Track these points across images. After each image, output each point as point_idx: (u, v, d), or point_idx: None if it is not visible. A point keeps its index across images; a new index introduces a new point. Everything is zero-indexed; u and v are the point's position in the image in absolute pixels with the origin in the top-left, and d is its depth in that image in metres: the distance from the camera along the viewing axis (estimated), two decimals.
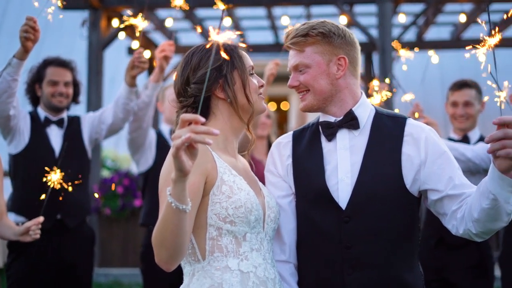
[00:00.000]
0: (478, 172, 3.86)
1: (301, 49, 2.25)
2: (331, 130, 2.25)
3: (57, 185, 3.06)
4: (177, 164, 1.69)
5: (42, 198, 3.13)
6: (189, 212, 1.87)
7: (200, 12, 9.07)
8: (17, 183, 4.03)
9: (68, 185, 2.97)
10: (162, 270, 1.98)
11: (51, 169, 3.04)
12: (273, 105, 12.35)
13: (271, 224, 2.18)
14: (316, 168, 2.23)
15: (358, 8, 8.98)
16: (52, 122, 4.10)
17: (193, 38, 9.71)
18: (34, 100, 4.15)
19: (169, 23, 7.70)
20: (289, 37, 2.27)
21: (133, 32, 3.46)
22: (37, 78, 4.09)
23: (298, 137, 2.35)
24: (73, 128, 4.16)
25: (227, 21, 8.11)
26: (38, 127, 4.04)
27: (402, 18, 8.28)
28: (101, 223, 7.93)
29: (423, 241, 4.08)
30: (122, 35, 7.54)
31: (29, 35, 3.32)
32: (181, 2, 2.96)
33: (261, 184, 2.29)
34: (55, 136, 4.08)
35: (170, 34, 8.90)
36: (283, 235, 2.26)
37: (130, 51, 9.53)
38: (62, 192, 3.06)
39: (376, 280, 2.14)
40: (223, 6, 2.02)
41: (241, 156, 2.32)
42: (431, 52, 3.81)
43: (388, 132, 2.22)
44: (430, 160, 2.16)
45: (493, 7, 8.67)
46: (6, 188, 3.93)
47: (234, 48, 2.21)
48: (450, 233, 2.20)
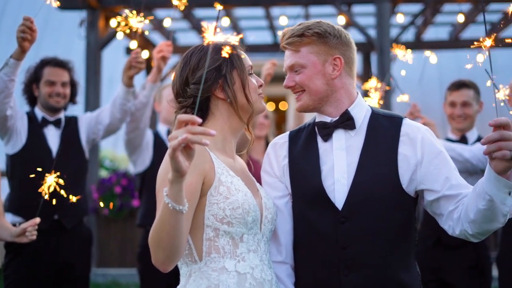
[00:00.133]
0: (476, 173, 3.85)
1: (297, 49, 2.25)
2: (327, 131, 2.25)
3: (51, 190, 3.02)
4: (174, 165, 1.69)
5: (40, 199, 3.12)
6: (186, 213, 1.86)
7: (199, 12, 9.07)
8: (14, 184, 4.01)
9: (63, 188, 2.95)
10: (159, 271, 1.97)
11: (47, 172, 3.02)
12: (272, 105, 12.35)
13: (268, 225, 2.17)
14: (312, 169, 2.23)
15: (356, 8, 8.98)
16: (50, 123, 4.09)
17: (192, 38, 9.71)
18: (32, 100, 4.15)
19: (167, 23, 7.69)
20: (285, 37, 2.27)
21: (131, 32, 3.45)
22: (35, 78, 4.08)
23: (294, 138, 2.35)
24: (71, 129, 4.15)
25: (226, 21, 8.10)
26: (35, 128, 4.04)
27: (400, 18, 8.27)
28: (99, 224, 7.93)
29: (421, 242, 4.07)
30: (120, 35, 7.52)
31: (26, 35, 3.31)
32: (179, 2, 2.94)
33: (258, 185, 2.29)
34: (52, 137, 4.08)
35: (168, 34, 8.90)
36: (280, 236, 2.26)
37: (128, 51, 9.52)
38: (57, 197, 3.04)
39: (373, 281, 2.13)
40: (221, 7, 2.02)
41: (239, 157, 2.31)
42: (429, 53, 3.81)
43: (384, 132, 2.22)
44: (427, 160, 2.16)
45: (492, 7, 8.67)
46: (3, 189, 3.92)
47: (233, 48, 2.20)
48: (447, 234, 2.19)
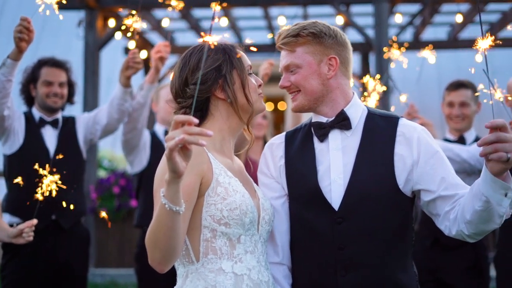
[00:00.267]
0: (474, 173, 3.84)
1: (292, 49, 2.25)
2: (323, 131, 2.24)
3: (49, 191, 3.01)
4: (171, 166, 1.69)
5: (38, 200, 3.10)
6: (184, 214, 1.86)
7: (197, 12, 9.06)
8: (12, 184, 4.01)
9: (61, 188, 2.94)
10: (157, 271, 1.97)
11: (44, 172, 3.01)
12: (270, 105, 12.35)
13: (266, 226, 2.17)
14: (309, 169, 2.22)
15: (355, 8, 8.97)
16: (47, 123, 4.09)
17: (190, 38, 9.70)
18: (29, 101, 4.14)
19: (166, 23, 7.68)
20: (281, 38, 2.27)
21: (129, 32, 3.44)
22: (32, 79, 4.08)
23: (291, 138, 2.34)
24: (68, 129, 4.15)
25: (224, 21, 8.09)
26: (33, 128, 4.03)
27: (399, 19, 8.27)
28: (98, 224, 7.92)
29: (419, 242, 4.07)
30: (119, 35, 7.52)
31: (23, 36, 3.30)
32: (176, 3, 2.94)
33: (256, 186, 2.28)
34: (50, 137, 4.07)
35: (166, 34, 8.89)
36: (276, 237, 2.25)
37: (127, 51, 9.50)
38: (55, 197, 3.03)
39: (370, 281, 2.13)
40: (218, 7, 2.01)
41: (237, 157, 2.31)
42: (427, 53, 3.80)
43: (381, 132, 2.21)
44: (423, 160, 2.16)
45: (490, 7, 8.67)
46: (1, 189, 3.92)
47: (232, 48, 2.20)
48: (445, 234, 2.19)
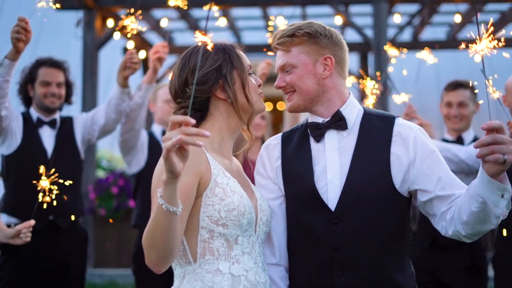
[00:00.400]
0: (472, 173, 3.83)
1: (288, 49, 2.25)
2: (319, 131, 2.24)
3: (47, 196, 3.00)
4: (168, 166, 1.68)
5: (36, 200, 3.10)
6: (181, 214, 1.86)
7: (196, 13, 9.05)
8: (9, 184, 4.01)
9: (58, 189, 2.94)
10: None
11: (42, 174, 3.00)
12: (269, 106, 12.35)
13: (263, 227, 2.17)
14: (305, 170, 2.22)
15: (354, 8, 8.98)
16: (45, 123, 4.08)
17: (189, 39, 9.69)
18: (27, 101, 4.14)
19: (164, 23, 7.68)
20: (276, 38, 2.27)
21: (128, 32, 3.44)
22: (30, 79, 4.08)
23: (287, 139, 2.34)
24: (66, 129, 4.14)
25: (223, 21, 8.08)
26: (31, 128, 4.03)
27: (398, 19, 8.27)
28: (96, 224, 7.92)
29: (417, 242, 4.07)
30: (117, 35, 7.51)
31: (21, 36, 3.30)
32: (176, 3, 2.93)
33: (254, 186, 2.28)
34: (48, 137, 4.07)
35: (165, 34, 8.88)
36: (274, 238, 2.25)
37: (125, 51, 9.49)
38: (53, 199, 3.02)
39: (367, 281, 2.12)
40: (216, 7, 2.01)
41: (235, 158, 2.30)
42: (425, 54, 3.79)
43: (377, 132, 2.21)
44: (419, 160, 2.15)
45: (489, 7, 8.67)
46: None
47: (232, 48, 2.20)
48: None
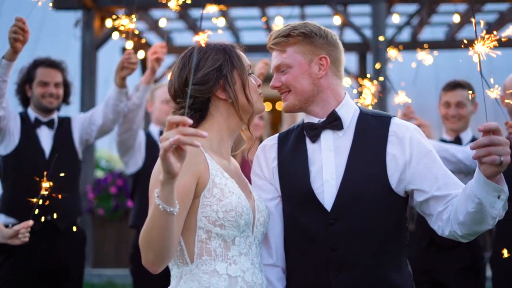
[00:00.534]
0: (470, 174, 3.82)
1: (283, 49, 2.25)
2: (315, 131, 2.24)
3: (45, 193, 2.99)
4: (165, 166, 1.68)
5: (34, 201, 3.09)
6: (179, 214, 1.85)
7: (195, 13, 9.05)
8: (7, 185, 4.00)
9: (56, 189, 2.93)
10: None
11: (40, 173, 2.98)
12: (268, 106, 12.34)
13: (260, 228, 2.16)
14: (301, 170, 2.22)
15: (352, 9, 8.98)
16: (43, 123, 4.08)
17: (187, 39, 9.69)
18: (24, 101, 4.13)
19: (163, 23, 7.68)
20: (271, 38, 2.27)
21: (127, 32, 3.44)
22: (27, 79, 4.07)
23: (284, 139, 2.34)
24: (64, 129, 4.14)
25: (221, 21, 8.09)
26: (28, 128, 4.02)
27: (396, 19, 8.28)
28: (95, 224, 7.91)
29: (415, 242, 4.07)
30: (116, 35, 7.51)
31: (18, 36, 3.30)
32: (174, 3, 2.92)
33: (251, 187, 2.28)
34: (45, 137, 4.06)
35: (164, 34, 8.88)
36: (270, 239, 2.24)
37: (124, 51, 9.49)
38: (50, 198, 3.02)
39: (363, 281, 2.12)
40: (214, 7, 2.01)
41: (233, 158, 2.30)
42: (424, 54, 3.79)
43: (373, 132, 2.21)
44: (415, 160, 2.15)
45: (488, 7, 8.67)
46: None
47: (232, 48, 2.20)
48: None
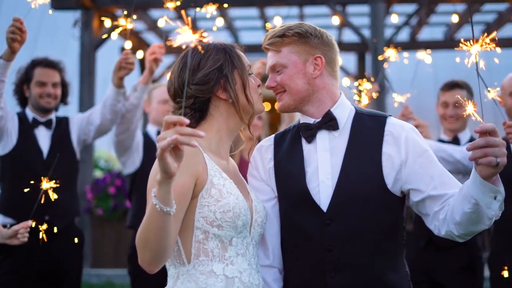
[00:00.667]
0: (468, 174, 3.80)
1: (278, 49, 2.25)
2: (310, 132, 2.24)
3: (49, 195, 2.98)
4: (162, 166, 1.67)
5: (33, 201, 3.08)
6: (176, 215, 1.85)
7: (194, 13, 9.04)
8: (5, 185, 4.00)
9: (54, 190, 2.93)
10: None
11: (38, 173, 2.97)
12: (267, 106, 12.31)
13: (258, 229, 2.16)
14: (297, 171, 2.21)
15: (351, 9, 8.99)
16: (40, 123, 4.07)
17: (187, 39, 9.68)
18: (22, 101, 4.12)
19: (162, 23, 7.67)
20: (267, 38, 2.27)
21: (125, 32, 3.45)
22: (25, 79, 4.06)
23: (280, 140, 2.33)
24: (61, 129, 4.13)
25: (220, 21, 8.09)
26: (26, 128, 4.02)
27: (395, 19, 8.29)
28: (93, 224, 7.91)
29: (413, 242, 4.07)
30: (115, 35, 7.50)
31: (16, 36, 3.29)
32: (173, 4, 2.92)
33: (249, 187, 2.27)
34: (43, 137, 4.06)
35: (162, 34, 8.88)
36: (267, 240, 2.24)
37: (123, 51, 9.48)
38: (49, 198, 3.01)
39: (360, 282, 2.11)
40: (212, 7, 2.00)
41: (231, 158, 2.30)
42: (422, 54, 3.79)
43: (368, 132, 2.20)
44: (411, 160, 2.14)
45: (486, 7, 8.68)
46: None
47: (232, 48, 2.20)
48: None
